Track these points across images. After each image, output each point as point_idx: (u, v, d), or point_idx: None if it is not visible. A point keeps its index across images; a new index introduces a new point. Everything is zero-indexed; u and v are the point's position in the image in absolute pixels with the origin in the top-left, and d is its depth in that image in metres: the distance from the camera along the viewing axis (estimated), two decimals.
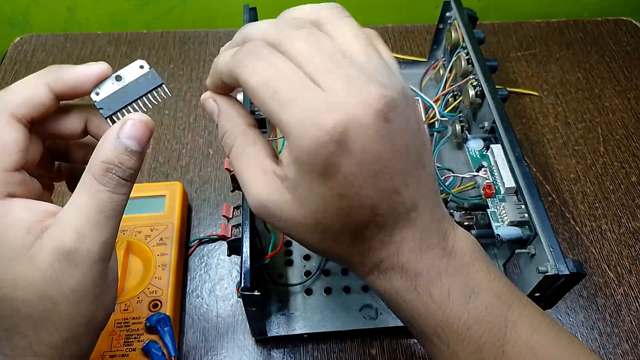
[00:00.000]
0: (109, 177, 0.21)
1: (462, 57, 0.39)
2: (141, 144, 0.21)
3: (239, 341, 0.34)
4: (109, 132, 0.21)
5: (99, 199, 0.21)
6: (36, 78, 0.22)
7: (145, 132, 0.21)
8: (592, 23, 0.57)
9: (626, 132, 0.47)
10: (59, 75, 0.22)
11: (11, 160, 0.21)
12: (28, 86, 0.21)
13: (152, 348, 0.31)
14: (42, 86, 0.21)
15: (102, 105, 0.22)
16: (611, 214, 0.42)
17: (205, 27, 0.57)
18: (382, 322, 0.34)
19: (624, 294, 0.37)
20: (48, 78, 0.22)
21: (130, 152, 0.21)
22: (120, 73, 0.23)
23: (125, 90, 0.22)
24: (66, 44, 0.53)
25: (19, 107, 0.21)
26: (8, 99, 0.21)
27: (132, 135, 0.21)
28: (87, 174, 0.21)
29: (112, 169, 0.21)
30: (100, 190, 0.21)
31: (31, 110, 0.21)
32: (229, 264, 0.38)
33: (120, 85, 0.22)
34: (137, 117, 0.21)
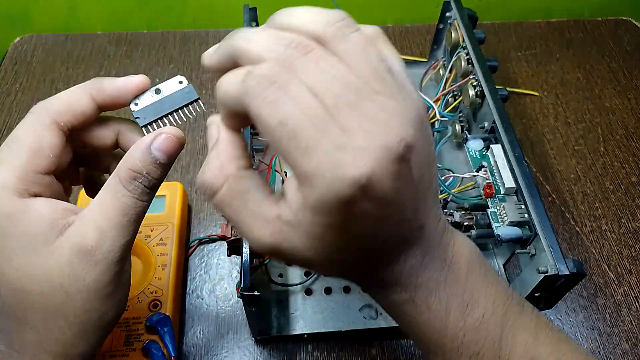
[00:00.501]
0: (134, 185, 0.21)
1: (462, 57, 0.39)
2: (170, 157, 0.22)
3: (239, 341, 0.34)
4: (141, 141, 0.22)
5: (123, 202, 0.21)
6: (80, 89, 0.22)
7: (176, 146, 0.22)
8: (593, 23, 0.57)
9: (626, 132, 0.47)
10: (101, 86, 0.23)
11: (44, 163, 0.21)
12: (72, 95, 0.22)
13: (152, 348, 0.31)
14: (86, 96, 0.22)
15: (139, 115, 0.23)
16: (611, 214, 0.42)
17: (206, 26, 0.57)
18: (382, 322, 0.34)
19: (624, 294, 0.37)
20: (91, 89, 0.23)
21: (157, 164, 0.22)
22: (160, 87, 0.24)
23: (162, 103, 0.23)
24: (66, 44, 0.53)
25: (61, 114, 0.22)
26: (52, 105, 0.22)
27: (163, 148, 0.22)
28: (115, 178, 0.22)
29: (139, 177, 0.21)
30: (126, 195, 0.21)
31: (72, 118, 0.22)
32: (229, 264, 0.38)
33: (158, 97, 0.23)
34: (170, 131, 0.22)
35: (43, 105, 0.22)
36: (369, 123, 0.17)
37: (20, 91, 0.49)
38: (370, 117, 0.17)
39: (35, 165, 0.21)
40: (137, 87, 0.23)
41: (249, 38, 0.18)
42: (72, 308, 0.21)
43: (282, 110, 0.17)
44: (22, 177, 0.21)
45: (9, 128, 0.46)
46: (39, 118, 0.22)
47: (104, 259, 0.21)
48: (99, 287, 0.21)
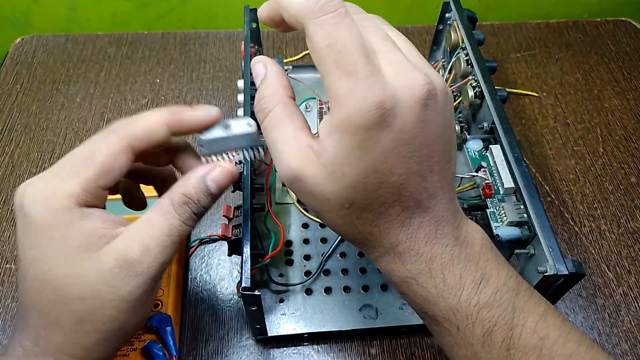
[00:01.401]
0: (184, 209, 0.23)
1: (462, 58, 0.39)
2: (220, 189, 0.24)
3: (240, 341, 0.34)
4: (197, 170, 0.24)
5: (171, 223, 0.23)
6: (161, 117, 0.24)
7: (228, 181, 0.24)
8: (592, 24, 0.57)
9: (625, 133, 0.47)
10: (181, 118, 0.24)
11: (109, 181, 0.23)
12: (152, 124, 0.24)
13: (153, 348, 0.31)
14: (163, 125, 0.24)
15: (204, 144, 0.25)
16: (610, 214, 0.42)
17: (206, 27, 0.57)
18: (382, 322, 0.34)
19: (623, 294, 0.37)
20: (172, 120, 0.24)
21: (208, 194, 0.23)
22: (230, 122, 0.25)
23: (227, 139, 0.25)
24: (67, 45, 0.53)
25: (139, 141, 0.23)
26: (132, 129, 0.23)
27: (217, 180, 0.24)
28: (167, 199, 0.23)
29: (189, 203, 0.23)
30: (175, 217, 0.23)
31: (147, 145, 0.24)
32: (229, 264, 0.38)
33: (225, 133, 0.25)
34: (226, 167, 0.24)
35: (125, 129, 0.23)
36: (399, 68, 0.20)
37: (21, 92, 0.49)
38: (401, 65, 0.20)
39: (100, 181, 0.23)
40: (212, 122, 0.25)
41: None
42: (102, 315, 0.22)
43: (335, 34, 0.19)
44: (87, 189, 0.22)
45: (9, 128, 0.46)
46: (119, 141, 0.23)
47: (142, 274, 0.22)
48: (131, 299, 0.22)
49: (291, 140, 0.21)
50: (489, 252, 0.23)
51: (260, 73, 0.23)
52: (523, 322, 0.22)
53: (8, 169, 0.43)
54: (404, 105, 0.19)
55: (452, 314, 0.22)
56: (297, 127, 0.21)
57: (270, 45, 0.54)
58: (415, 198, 0.21)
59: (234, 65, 0.52)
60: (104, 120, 0.47)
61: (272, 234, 0.35)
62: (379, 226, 0.21)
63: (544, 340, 0.22)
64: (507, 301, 0.22)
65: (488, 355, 0.22)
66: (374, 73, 0.19)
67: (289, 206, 0.40)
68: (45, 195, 0.22)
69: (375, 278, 0.36)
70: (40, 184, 0.22)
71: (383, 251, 0.22)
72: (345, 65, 0.19)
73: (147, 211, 0.23)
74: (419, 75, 0.20)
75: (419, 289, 0.22)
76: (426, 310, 0.23)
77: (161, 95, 0.49)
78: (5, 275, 0.37)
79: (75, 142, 0.45)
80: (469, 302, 0.21)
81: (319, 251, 0.37)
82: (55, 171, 0.23)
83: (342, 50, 0.19)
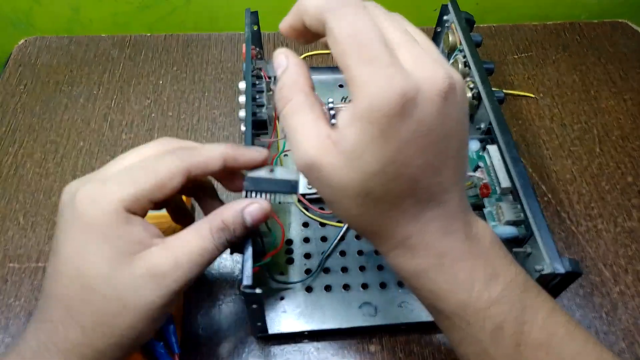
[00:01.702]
0: (220, 234, 0.25)
1: (460, 60, 0.40)
2: (254, 223, 0.26)
3: (241, 339, 0.35)
4: (238, 203, 0.26)
5: (204, 245, 0.24)
6: (219, 152, 0.26)
7: (262, 217, 0.26)
8: (589, 25, 0.58)
9: (622, 133, 0.48)
10: (235, 156, 0.26)
11: (159, 197, 0.24)
12: (211, 156, 0.26)
13: (155, 346, 0.31)
14: (220, 160, 0.26)
15: (247, 181, 0.27)
16: (607, 213, 0.42)
17: (208, 30, 0.58)
18: (381, 320, 0.34)
19: (620, 292, 0.38)
20: (227, 156, 0.26)
21: (243, 225, 0.25)
22: (276, 168, 0.27)
23: (269, 182, 0.27)
24: (70, 46, 0.54)
25: (196, 169, 0.25)
26: (194, 157, 0.25)
27: (253, 214, 0.25)
28: (205, 224, 0.25)
29: (226, 230, 0.25)
30: (210, 240, 0.24)
31: (202, 173, 0.25)
32: (230, 262, 0.38)
33: (269, 175, 0.27)
34: (263, 204, 0.26)
35: (188, 154, 0.25)
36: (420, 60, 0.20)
37: (25, 93, 0.49)
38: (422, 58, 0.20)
39: (152, 195, 0.24)
40: (262, 164, 0.27)
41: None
42: (121, 321, 0.23)
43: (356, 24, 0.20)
44: (139, 198, 0.23)
45: (13, 129, 0.47)
46: (180, 164, 0.25)
47: (168, 286, 0.23)
48: (152, 308, 0.23)
49: (311, 129, 0.21)
50: (498, 249, 0.23)
51: (282, 64, 0.23)
52: (532, 318, 0.22)
53: (12, 169, 0.44)
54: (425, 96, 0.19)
55: (462, 308, 0.22)
56: (317, 117, 0.22)
57: (272, 48, 0.54)
58: (429, 191, 0.21)
59: (236, 67, 0.52)
60: (107, 121, 0.47)
61: (272, 233, 0.35)
62: (392, 217, 0.22)
63: (552, 337, 0.22)
64: (516, 297, 0.22)
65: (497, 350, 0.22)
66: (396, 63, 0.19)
67: (289, 205, 0.40)
68: (99, 196, 0.23)
69: (374, 276, 0.36)
70: (94, 184, 0.24)
71: (394, 244, 0.22)
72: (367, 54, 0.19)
73: (185, 230, 0.25)
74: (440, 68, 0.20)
75: (429, 283, 0.22)
76: (435, 304, 0.23)
77: (164, 96, 0.49)
78: (9, 274, 0.38)
79: (78, 142, 0.46)
80: (479, 297, 0.22)
81: (319, 249, 0.38)
82: (116, 177, 0.24)
83: (364, 39, 0.19)
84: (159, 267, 0.23)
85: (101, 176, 0.24)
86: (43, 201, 0.42)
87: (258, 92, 0.38)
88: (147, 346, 0.31)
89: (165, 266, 0.23)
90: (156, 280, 0.23)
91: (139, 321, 0.23)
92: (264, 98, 0.37)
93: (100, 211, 0.23)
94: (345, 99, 0.46)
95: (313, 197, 0.40)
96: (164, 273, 0.23)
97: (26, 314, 0.36)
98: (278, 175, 0.27)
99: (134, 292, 0.23)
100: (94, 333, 0.22)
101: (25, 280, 0.37)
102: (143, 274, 0.23)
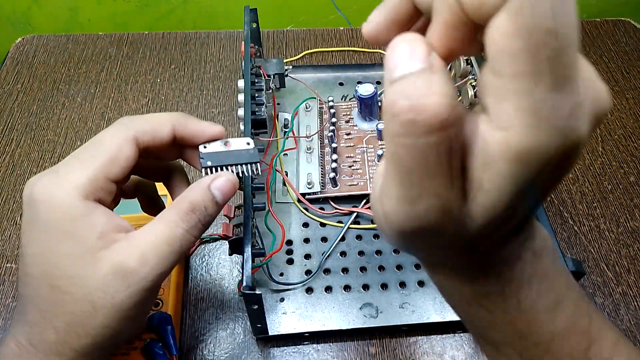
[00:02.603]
0: (190, 217, 0.23)
1: (461, 58, 0.39)
2: (225, 197, 0.24)
3: (241, 340, 0.34)
4: (202, 181, 0.24)
5: (173, 232, 0.23)
6: (167, 117, 0.24)
7: (231, 189, 0.24)
8: (591, 24, 0.57)
9: (625, 132, 0.48)
10: (186, 122, 0.25)
11: (117, 172, 0.23)
12: (158, 121, 0.24)
13: (154, 347, 0.31)
14: (169, 125, 0.24)
15: (204, 157, 0.26)
16: (609, 213, 0.42)
17: (206, 28, 0.58)
18: (382, 321, 0.34)
19: (623, 293, 0.38)
20: (176, 122, 0.25)
21: (214, 201, 0.24)
22: (230, 140, 0.26)
23: (227, 154, 0.26)
24: (68, 45, 0.53)
25: (143, 134, 0.24)
26: (138, 123, 0.24)
27: (221, 188, 0.24)
28: (172, 210, 0.23)
29: (196, 210, 0.23)
30: (178, 225, 0.23)
31: (151, 140, 0.24)
32: (230, 263, 0.38)
33: (225, 148, 0.26)
34: (228, 176, 0.24)
35: (129, 121, 0.24)
36: None
37: (22, 91, 0.49)
38: None
39: (107, 171, 0.22)
40: (214, 135, 0.25)
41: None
42: (94, 321, 0.22)
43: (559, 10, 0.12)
44: (93, 179, 0.22)
45: (10, 128, 0.46)
46: (124, 130, 0.23)
47: (137, 284, 0.22)
48: (123, 309, 0.22)
49: (452, 175, 0.13)
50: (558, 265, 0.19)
51: (408, 60, 0.13)
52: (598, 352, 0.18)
53: (9, 168, 0.43)
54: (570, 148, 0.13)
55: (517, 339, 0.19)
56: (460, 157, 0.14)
57: (271, 46, 0.54)
58: None
59: (235, 65, 0.52)
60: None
61: (272, 233, 0.35)
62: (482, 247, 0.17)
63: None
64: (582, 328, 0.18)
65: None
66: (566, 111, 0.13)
67: (289, 205, 0.40)
68: (53, 188, 0.22)
69: (375, 277, 0.36)
70: (49, 176, 0.22)
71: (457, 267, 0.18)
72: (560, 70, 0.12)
73: (152, 220, 0.23)
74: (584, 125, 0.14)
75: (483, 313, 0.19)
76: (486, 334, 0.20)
77: (162, 95, 0.49)
78: (6, 274, 0.37)
79: (75, 141, 0.45)
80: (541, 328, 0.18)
81: (319, 250, 0.37)
82: (65, 164, 0.23)
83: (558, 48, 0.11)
84: (124, 264, 0.21)
85: (54, 167, 0.23)
86: None
87: (257, 91, 0.37)
88: (146, 347, 0.31)
89: (132, 263, 0.22)
90: (123, 279, 0.21)
91: (113, 321, 0.22)
92: (263, 96, 0.37)
93: (58, 205, 0.22)
94: (345, 98, 0.46)
95: (313, 197, 0.39)
96: (131, 270, 0.21)
97: None
98: (234, 146, 0.26)
99: (100, 292, 0.21)
100: (68, 334, 0.22)
101: None
102: (108, 273, 0.21)
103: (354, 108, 0.44)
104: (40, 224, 0.22)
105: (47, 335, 0.22)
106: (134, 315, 0.22)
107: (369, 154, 0.41)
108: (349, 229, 0.38)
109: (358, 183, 0.39)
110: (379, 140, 0.41)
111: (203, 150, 0.26)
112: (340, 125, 0.43)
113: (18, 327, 0.23)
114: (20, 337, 0.22)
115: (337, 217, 0.39)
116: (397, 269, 0.37)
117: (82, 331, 0.22)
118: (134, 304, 0.22)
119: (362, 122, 0.43)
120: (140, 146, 0.24)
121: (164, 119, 0.24)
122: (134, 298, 0.22)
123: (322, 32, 0.54)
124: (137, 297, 0.22)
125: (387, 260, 0.37)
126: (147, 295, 0.22)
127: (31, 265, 0.22)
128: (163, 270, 0.22)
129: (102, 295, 0.21)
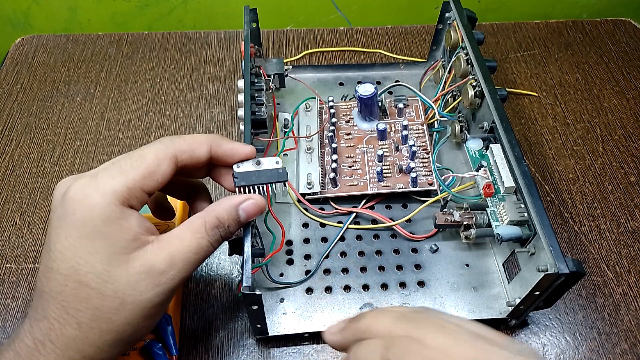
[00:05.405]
0: (214, 232, 0.25)
1: (462, 58, 0.39)
2: (249, 219, 0.26)
3: (240, 340, 0.34)
4: (232, 199, 0.26)
5: (200, 242, 0.25)
6: (204, 138, 0.26)
7: (256, 213, 0.26)
8: (591, 24, 0.57)
9: (625, 133, 0.48)
10: (221, 143, 0.27)
11: (152, 185, 0.24)
12: (196, 141, 0.26)
13: (153, 347, 0.31)
14: (206, 145, 0.26)
15: (237, 176, 0.27)
16: (610, 213, 0.42)
17: (206, 28, 0.58)
18: None
19: (623, 293, 0.37)
20: (212, 143, 0.26)
21: (238, 221, 0.26)
22: (261, 159, 0.28)
23: (258, 174, 0.28)
24: (67, 45, 0.53)
25: (182, 153, 0.25)
26: (178, 143, 0.25)
27: (248, 210, 0.26)
28: (199, 220, 0.25)
29: (220, 226, 0.25)
30: (204, 237, 0.25)
31: (188, 160, 0.26)
32: (229, 263, 0.38)
33: (256, 167, 0.28)
34: (257, 199, 0.26)
35: (171, 140, 0.25)
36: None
37: (22, 91, 0.49)
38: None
39: (144, 184, 0.24)
40: (247, 155, 0.27)
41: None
42: (119, 317, 0.23)
43: None
44: (130, 189, 0.24)
45: (10, 128, 0.46)
46: (165, 149, 0.25)
47: (164, 284, 0.23)
48: (148, 306, 0.23)
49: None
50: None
51: None
52: None
53: (8, 168, 0.43)
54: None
55: None
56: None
57: (271, 46, 0.54)
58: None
59: (235, 65, 0.52)
60: (104, 120, 0.47)
61: (272, 234, 0.35)
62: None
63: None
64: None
65: None
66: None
67: (289, 206, 0.40)
68: (90, 190, 0.23)
69: (375, 277, 0.36)
70: (86, 178, 0.24)
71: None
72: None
73: (179, 227, 0.25)
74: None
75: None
76: None
77: (161, 95, 0.49)
78: (6, 274, 0.37)
79: (75, 141, 0.45)
80: None
81: (319, 250, 0.37)
82: (104, 169, 0.24)
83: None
84: (155, 264, 0.23)
85: (92, 172, 0.24)
86: (40, 201, 0.41)
87: (257, 91, 0.37)
88: (146, 348, 0.31)
89: (162, 264, 0.23)
90: (153, 278, 0.23)
91: (136, 318, 0.23)
92: (263, 96, 0.37)
93: (94, 206, 0.23)
94: (345, 98, 0.46)
95: (313, 198, 0.39)
96: (161, 271, 0.23)
97: (23, 315, 0.35)
98: (265, 165, 0.28)
99: (131, 289, 0.23)
100: (91, 329, 0.23)
101: (22, 281, 0.37)
102: (140, 272, 0.23)
103: (354, 108, 0.44)
104: (74, 222, 0.23)
105: (67, 331, 0.22)
106: (154, 314, 0.24)
107: (369, 154, 0.41)
108: (349, 229, 0.38)
109: (358, 183, 0.39)
110: (379, 140, 0.41)
111: (237, 170, 0.27)
112: (340, 125, 0.43)
113: (34, 322, 0.23)
114: (37, 332, 0.23)
115: (337, 217, 0.39)
116: (397, 270, 0.37)
117: (105, 327, 0.23)
118: (158, 303, 0.24)
119: (362, 122, 0.42)
120: (179, 165, 0.25)
121: (201, 139, 0.26)
122: (159, 297, 0.23)
123: (322, 32, 0.54)
124: (162, 296, 0.24)
125: (387, 260, 0.37)
126: (170, 295, 0.24)
127: (58, 260, 0.23)
128: (186, 274, 0.24)
129: (131, 292, 0.23)
